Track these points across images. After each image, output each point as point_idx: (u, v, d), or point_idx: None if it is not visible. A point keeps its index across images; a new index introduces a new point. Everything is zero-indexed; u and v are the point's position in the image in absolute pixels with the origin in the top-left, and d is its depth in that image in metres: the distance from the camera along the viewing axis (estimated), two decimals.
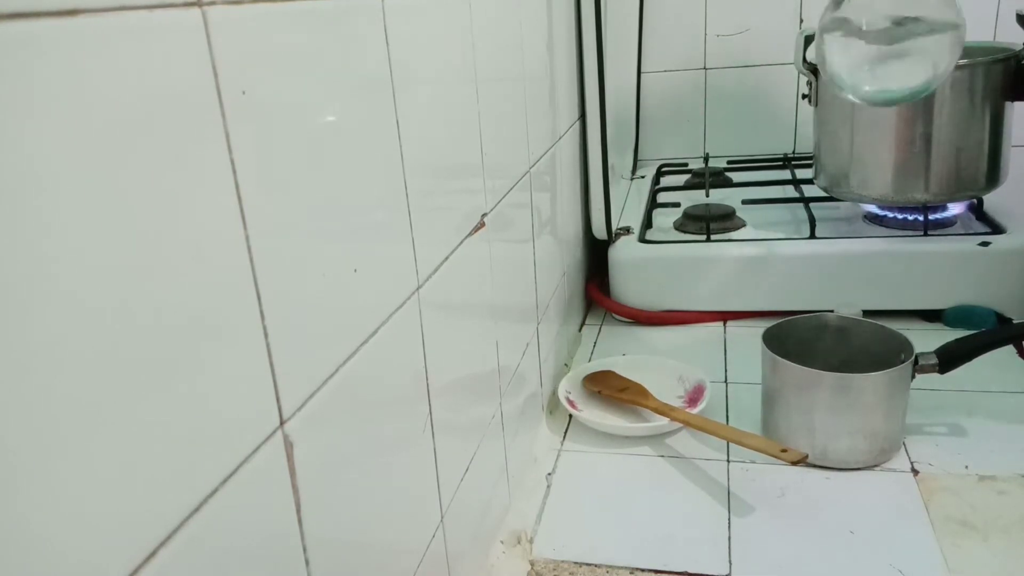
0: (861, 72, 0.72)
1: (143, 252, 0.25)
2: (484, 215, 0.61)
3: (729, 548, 0.64)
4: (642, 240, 1.04)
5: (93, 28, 0.24)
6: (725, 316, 1.02)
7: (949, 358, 0.72)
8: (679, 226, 1.06)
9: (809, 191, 1.06)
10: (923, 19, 0.71)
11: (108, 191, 0.24)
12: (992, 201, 1.01)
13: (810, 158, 1.02)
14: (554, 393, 0.86)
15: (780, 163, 1.25)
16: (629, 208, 1.16)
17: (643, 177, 1.30)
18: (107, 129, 0.24)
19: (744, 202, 1.07)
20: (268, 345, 0.32)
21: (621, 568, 0.63)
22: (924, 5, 0.71)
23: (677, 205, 1.09)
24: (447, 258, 0.53)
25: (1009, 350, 0.88)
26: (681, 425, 0.79)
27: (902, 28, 0.71)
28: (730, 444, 0.76)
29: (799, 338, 0.78)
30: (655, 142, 1.37)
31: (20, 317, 0.21)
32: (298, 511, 0.34)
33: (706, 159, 1.20)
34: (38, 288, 0.22)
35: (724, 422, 0.80)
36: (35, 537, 0.22)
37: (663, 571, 0.62)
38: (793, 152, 1.33)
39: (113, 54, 0.24)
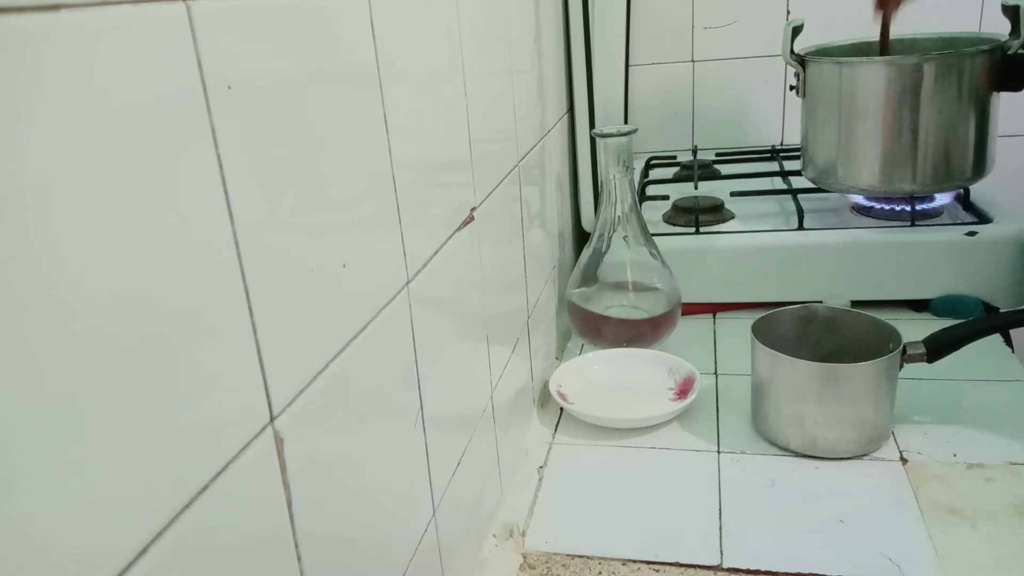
0: None
1: (129, 249, 0.25)
2: (473, 209, 0.61)
3: (720, 538, 0.64)
4: None
5: (76, 23, 0.23)
6: (714, 308, 1.02)
7: (937, 347, 0.73)
8: (668, 219, 1.06)
9: (797, 183, 1.06)
10: None
11: (91, 188, 0.24)
12: (979, 191, 1.01)
13: (798, 150, 1.02)
14: (545, 386, 0.87)
15: (768, 155, 1.25)
16: None
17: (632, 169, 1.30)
18: (90, 125, 0.24)
19: (733, 194, 1.07)
20: (257, 340, 0.32)
21: (613, 560, 0.63)
22: None
23: (666, 198, 1.09)
24: (436, 252, 0.53)
25: (996, 339, 0.89)
26: (671, 416, 0.79)
27: None
28: (720, 435, 0.77)
29: (788, 329, 0.78)
30: (643, 135, 1.37)
31: (8, 315, 0.21)
32: (289, 507, 0.34)
33: (694, 152, 1.20)
34: (26, 286, 0.21)
35: (714, 413, 0.81)
36: (26, 535, 0.22)
37: (655, 562, 0.62)
38: (781, 144, 1.33)
39: (96, 49, 0.24)
